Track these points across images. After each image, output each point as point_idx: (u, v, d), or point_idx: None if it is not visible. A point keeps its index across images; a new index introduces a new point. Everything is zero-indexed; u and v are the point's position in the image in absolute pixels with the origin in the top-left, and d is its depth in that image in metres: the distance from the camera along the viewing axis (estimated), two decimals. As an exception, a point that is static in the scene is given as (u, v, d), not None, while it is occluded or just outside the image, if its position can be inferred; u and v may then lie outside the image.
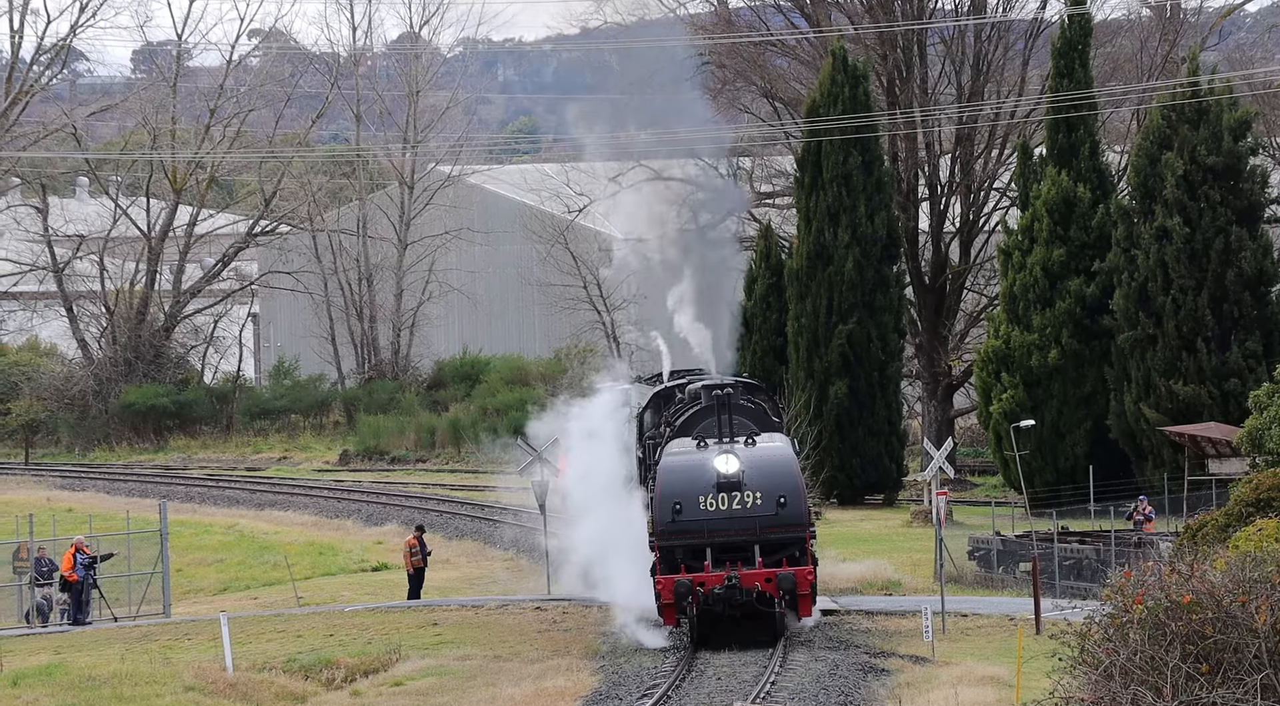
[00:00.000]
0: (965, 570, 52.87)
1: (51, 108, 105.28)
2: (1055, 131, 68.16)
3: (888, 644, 38.26)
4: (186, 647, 41.01)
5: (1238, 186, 64.44)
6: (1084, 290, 66.38)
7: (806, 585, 37.82)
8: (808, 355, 70.47)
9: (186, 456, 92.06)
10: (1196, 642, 20.56)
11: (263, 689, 36.65)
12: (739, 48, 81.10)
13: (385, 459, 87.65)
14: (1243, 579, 20.91)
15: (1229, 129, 64.36)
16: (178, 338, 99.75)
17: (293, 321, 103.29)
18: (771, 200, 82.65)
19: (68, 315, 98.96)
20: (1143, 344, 64.63)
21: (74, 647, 41.43)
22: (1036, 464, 65.46)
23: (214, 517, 71.39)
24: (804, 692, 32.81)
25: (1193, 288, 64.02)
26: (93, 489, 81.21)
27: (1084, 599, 42.97)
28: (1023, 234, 67.98)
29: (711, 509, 37.90)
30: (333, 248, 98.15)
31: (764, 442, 38.91)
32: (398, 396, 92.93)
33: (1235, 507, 38.93)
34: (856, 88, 71.28)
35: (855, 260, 70.35)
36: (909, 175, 78.14)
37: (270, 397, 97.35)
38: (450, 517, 67.71)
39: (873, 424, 70.50)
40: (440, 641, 40.57)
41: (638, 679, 35.23)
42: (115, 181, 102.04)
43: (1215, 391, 63.23)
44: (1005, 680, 32.25)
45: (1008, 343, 67.09)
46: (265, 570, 59.37)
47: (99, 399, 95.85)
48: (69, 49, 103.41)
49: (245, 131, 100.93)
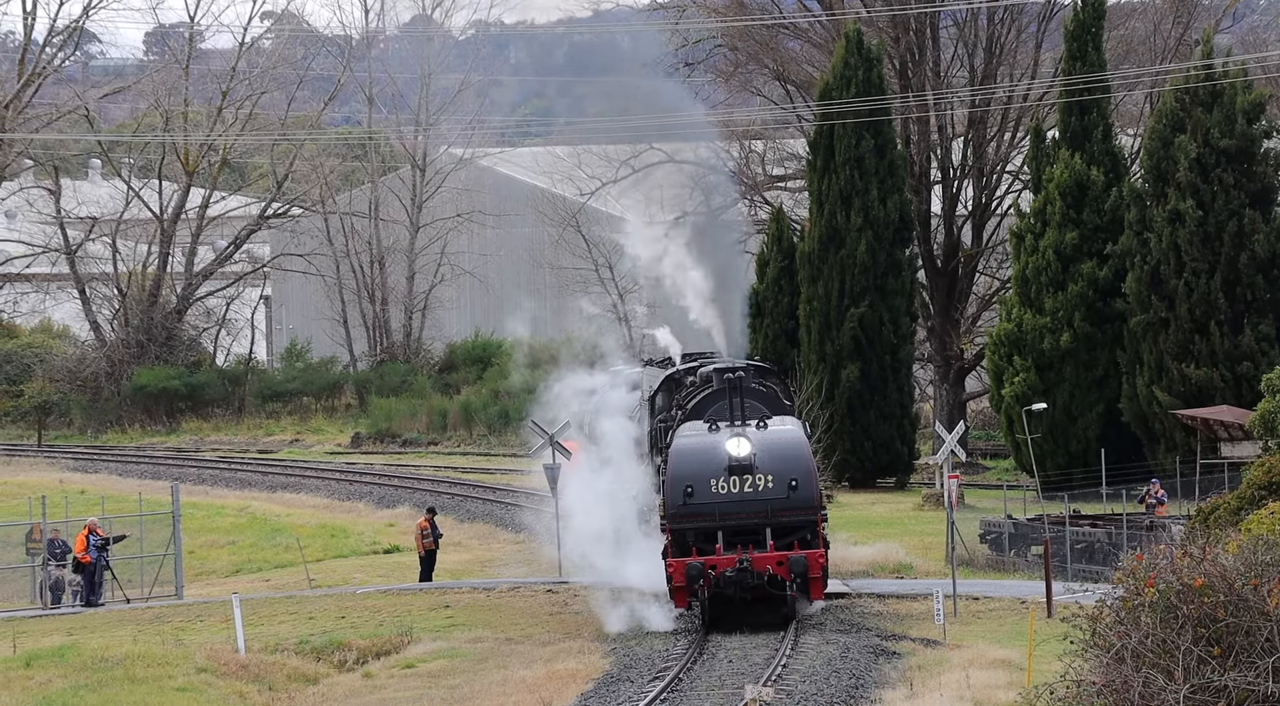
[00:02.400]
0: (977, 553, 52.86)
1: (64, 89, 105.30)
2: (1068, 114, 68.07)
3: (899, 627, 38.27)
4: (199, 629, 41.08)
5: (1251, 169, 64.33)
6: (1096, 273, 66.32)
7: (818, 568, 37.82)
8: (819, 338, 70.45)
9: (198, 439, 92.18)
10: (1208, 626, 20.55)
11: (275, 670, 36.72)
12: (751, 30, 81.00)
13: (397, 441, 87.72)
14: (1255, 562, 20.90)
15: (1242, 112, 64.25)
16: (190, 320, 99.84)
17: (305, 304, 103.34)
18: (783, 183, 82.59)
19: (80, 297, 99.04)
20: (1155, 327, 64.57)
21: (86, 629, 41.52)
22: (1048, 447, 65.42)
23: (226, 500, 71.49)
24: (815, 675, 32.83)
25: (1205, 271, 63.94)
26: (105, 471, 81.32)
27: (1095, 582, 42.95)
28: (1035, 217, 67.91)
29: (723, 492, 37.92)
30: (345, 230, 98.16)
31: (776, 426, 38.90)
32: (409, 379, 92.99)
33: (1247, 491, 38.91)
34: (869, 71, 71.20)
35: (867, 243, 70.30)
36: (921, 158, 78.05)
37: (282, 380, 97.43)
38: (462, 500, 67.76)
39: (884, 407, 70.48)
40: (452, 624, 40.62)
41: (649, 661, 35.27)
42: (128, 163, 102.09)
43: (1228, 374, 63.17)
44: (1017, 663, 32.26)
45: (1020, 326, 67.04)
46: (277, 552, 59.45)
47: (111, 381, 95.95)
48: (81, 31, 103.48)
49: (258, 114, 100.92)
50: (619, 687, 32.84)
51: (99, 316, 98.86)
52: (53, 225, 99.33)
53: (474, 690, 33.78)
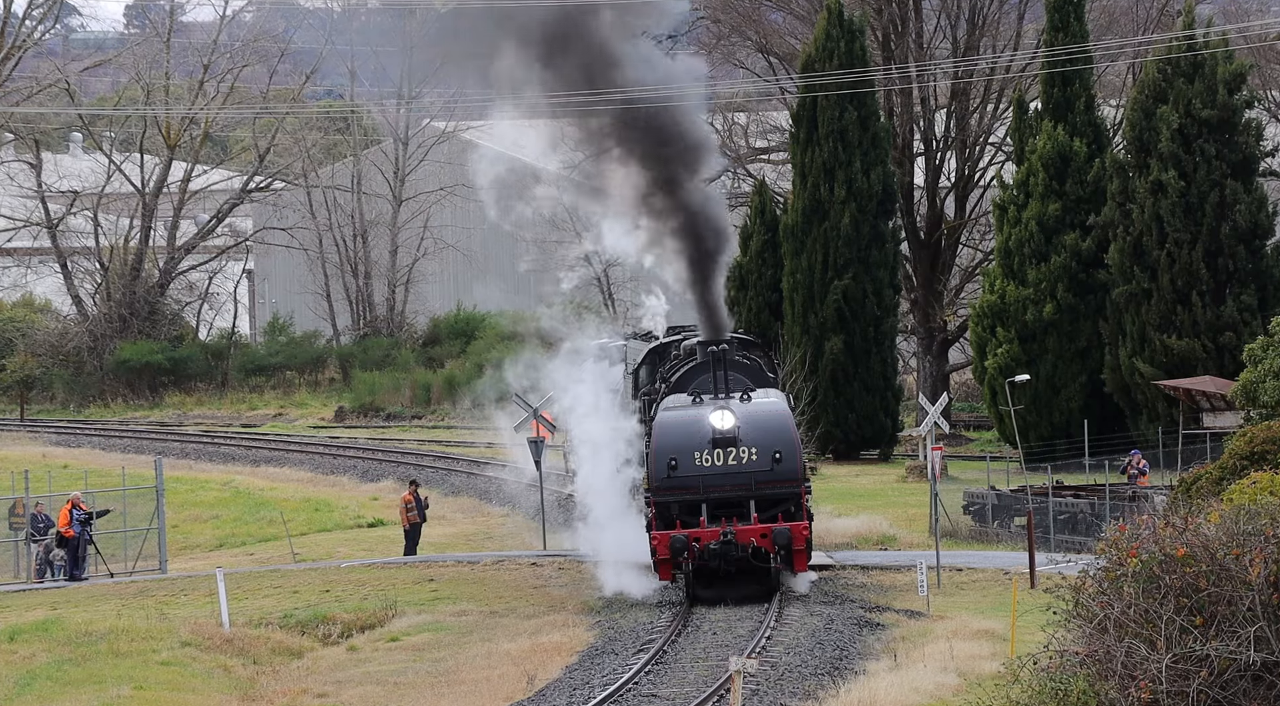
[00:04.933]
0: (960, 525, 52.95)
1: (44, 63, 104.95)
2: (1051, 86, 68.05)
3: (883, 598, 38.35)
4: (183, 603, 41.08)
5: (1233, 140, 64.36)
6: (1079, 244, 66.37)
7: (802, 540, 37.87)
8: (803, 311, 70.47)
9: (182, 413, 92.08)
10: (1190, 595, 20.61)
11: (259, 644, 36.74)
12: (734, 2, 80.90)
13: (381, 415, 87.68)
14: (1237, 532, 20.94)
15: (1224, 82, 64.26)
16: (172, 294, 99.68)
17: (288, 278, 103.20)
18: (766, 156, 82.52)
19: (62, 271, 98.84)
20: (1137, 298, 64.64)
21: (70, 603, 41.50)
22: (1031, 418, 65.51)
23: (210, 474, 71.44)
24: (799, 647, 32.90)
25: (1188, 241, 64.01)
26: (88, 445, 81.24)
27: (1078, 553, 43.14)
28: (1018, 188, 67.93)
29: (707, 464, 37.94)
30: (327, 204, 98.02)
31: (759, 398, 38.93)
32: (393, 353, 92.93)
33: (1229, 461, 38.96)
34: (852, 42, 71.14)
35: (851, 216, 70.29)
36: (904, 130, 78.02)
37: (265, 354, 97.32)
38: (446, 474, 67.76)
39: (868, 379, 70.53)
40: (436, 597, 40.65)
41: (633, 634, 35.31)
42: (109, 137, 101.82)
43: (1210, 345, 63.26)
44: (1000, 633, 32.34)
45: (1003, 297, 67.10)
46: (261, 526, 59.43)
47: (94, 355, 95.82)
48: (61, 3, 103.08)
49: (239, 87, 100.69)
50: (604, 660, 32.90)
51: (81, 290, 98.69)
52: (34, 199, 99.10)
53: (458, 663, 33.83)
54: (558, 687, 30.76)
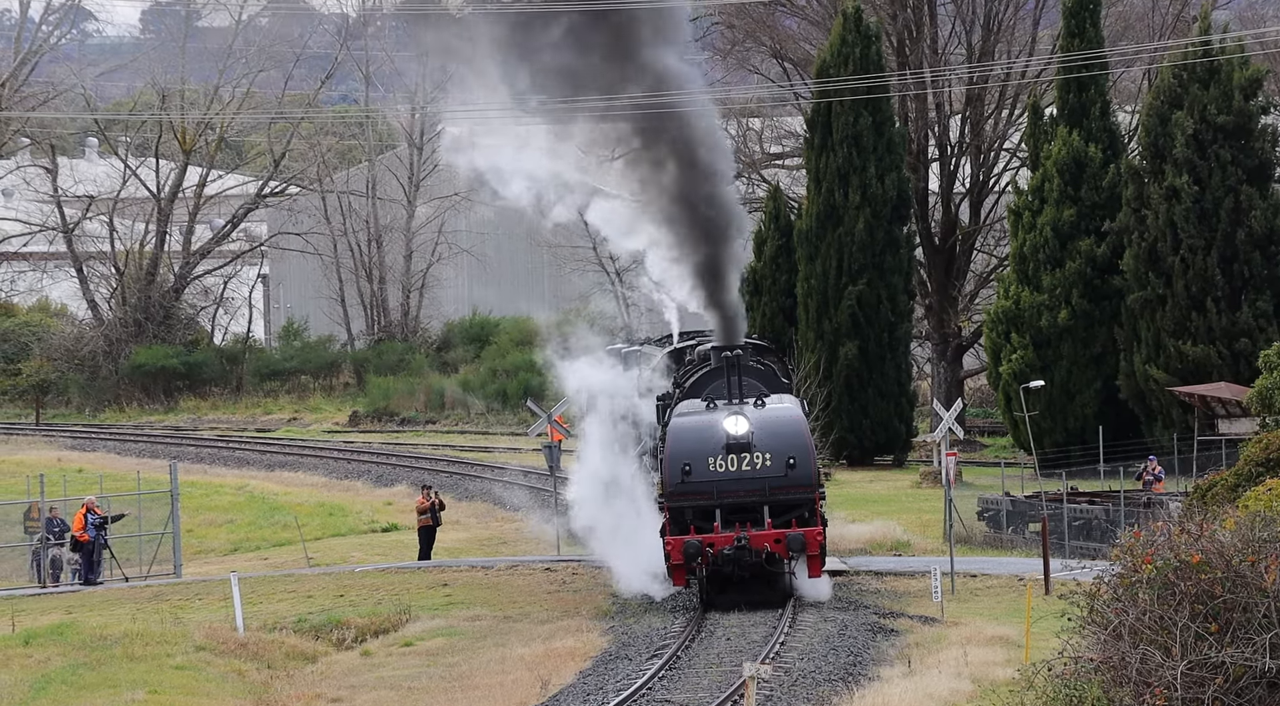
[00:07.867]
0: (974, 530, 52.91)
1: (60, 68, 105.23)
2: (1066, 91, 68.02)
3: (897, 604, 38.32)
4: (197, 607, 41.12)
5: (1248, 145, 64.29)
6: (1094, 250, 66.31)
7: (816, 546, 37.84)
8: (817, 316, 70.45)
9: (196, 417, 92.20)
10: (1205, 602, 20.58)
11: (273, 648, 36.78)
12: (748, 7, 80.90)
13: (395, 420, 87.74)
14: (1252, 538, 20.92)
15: (1240, 88, 64.20)
16: (187, 298, 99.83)
17: (302, 282, 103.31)
18: (781, 161, 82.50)
19: (78, 276, 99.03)
20: (1152, 304, 64.57)
21: (85, 607, 41.56)
22: (1046, 424, 65.45)
23: (224, 478, 71.53)
24: (813, 653, 32.88)
25: (1202, 247, 63.93)
26: (103, 449, 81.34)
27: (1093, 559, 43.03)
28: (1033, 194, 67.88)
29: (721, 470, 37.93)
30: (342, 209, 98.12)
31: (773, 404, 38.91)
32: (407, 357, 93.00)
33: (1245, 467, 38.93)
34: (867, 48, 71.12)
35: (865, 221, 70.27)
36: (919, 136, 77.99)
37: (280, 359, 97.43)
38: (460, 479, 67.78)
39: (882, 385, 70.49)
40: (450, 602, 40.67)
41: (647, 639, 35.31)
42: (124, 142, 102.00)
43: (1225, 351, 63.17)
44: (1014, 640, 32.31)
45: (1017, 303, 67.04)
46: (275, 531, 59.47)
47: (109, 359, 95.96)
48: (78, 8, 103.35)
49: (254, 92, 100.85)
50: (617, 665, 32.89)
51: (96, 295, 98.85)
52: (50, 203, 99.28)
53: (472, 668, 33.84)
54: (571, 693, 30.76)
